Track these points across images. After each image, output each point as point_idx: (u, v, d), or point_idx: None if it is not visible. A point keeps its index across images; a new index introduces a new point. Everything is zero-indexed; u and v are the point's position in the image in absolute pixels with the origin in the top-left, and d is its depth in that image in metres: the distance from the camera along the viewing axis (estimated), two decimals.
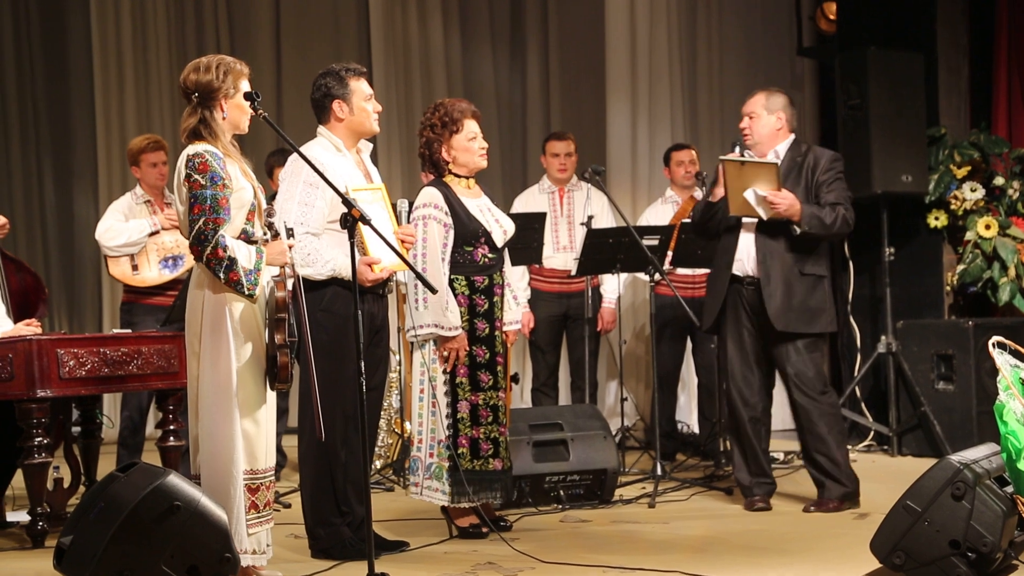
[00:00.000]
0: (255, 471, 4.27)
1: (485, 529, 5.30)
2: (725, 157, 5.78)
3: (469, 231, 5.30)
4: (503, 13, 10.17)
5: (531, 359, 8.07)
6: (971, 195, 7.71)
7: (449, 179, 5.38)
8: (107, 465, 5.26)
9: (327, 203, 4.86)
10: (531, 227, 6.95)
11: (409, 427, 6.63)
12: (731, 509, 5.91)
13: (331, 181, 4.41)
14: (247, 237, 4.26)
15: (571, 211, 7.70)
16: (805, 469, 6.02)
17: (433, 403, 5.26)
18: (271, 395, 4.35)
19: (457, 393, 5.29)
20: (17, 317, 5.90)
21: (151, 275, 6.57)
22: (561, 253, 7.64)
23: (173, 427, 5.68)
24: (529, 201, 7.80)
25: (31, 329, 5.57)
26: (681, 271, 7.53)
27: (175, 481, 3.95)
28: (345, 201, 4.29)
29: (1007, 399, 4.23)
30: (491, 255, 5.38)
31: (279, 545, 5.00)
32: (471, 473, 5.27)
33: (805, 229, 5.67)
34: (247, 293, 4.17)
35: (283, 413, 7.18)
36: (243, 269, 4.15)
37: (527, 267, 7.53)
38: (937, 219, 7.82)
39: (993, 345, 4.39)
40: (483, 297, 5.35)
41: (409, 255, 5.07)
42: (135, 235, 6.53)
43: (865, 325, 8.16)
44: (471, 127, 5.37)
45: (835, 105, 7.98)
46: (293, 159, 4.94)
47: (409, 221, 5.45)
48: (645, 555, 4.82)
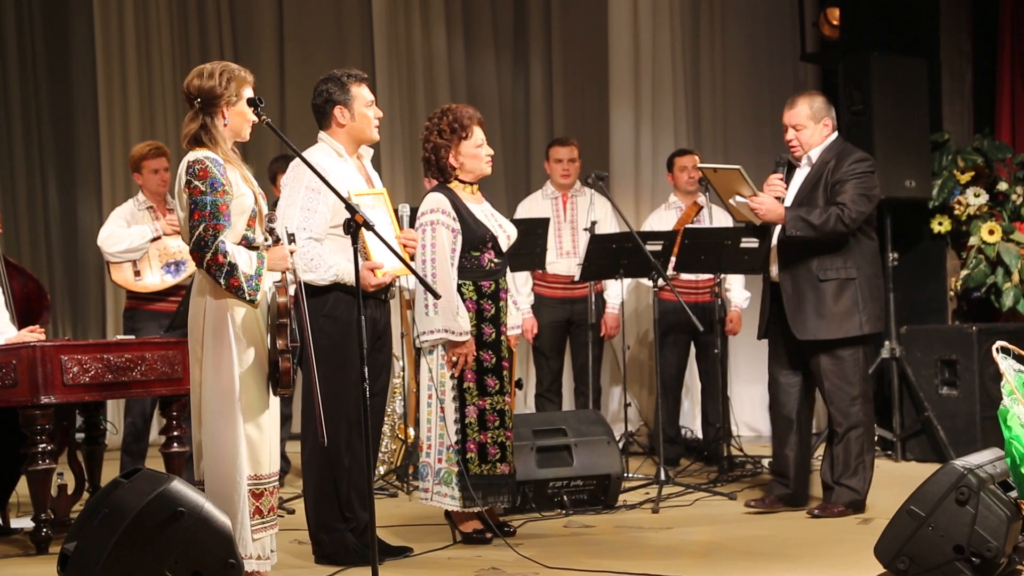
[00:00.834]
0: (259, 476, 4.28)
1: (489, 535, 5.30)
2: (701, 166, 5.82)
3: (476, 236, 5.30)
4: (506, 19, 10.16)
5: (535, 364, 8.07)
6: (975, 200, 7.69)
7: (454, 184, 5.38)
8: (111, 471, 5.27)
9: (329, 208, 4.86)
10: (534, 232, 6.95)
11: (413, 432, 6.63)
12: (735, 514, 5.90)
13: (334, 186, 4.41)
14: (248, 243, 4.26)
15: (574, 216, 7.70)
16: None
17: (441, 408, 5.26)
18: (274, 401, 4.35)
19: (464, 398, 5.29)
20: (19, 324, 5.90)
21: (153, 281, 6.58)
22: (564, 258, 7.64)
23: (177, 433, 5.67)
24: (532, 206, 7.80)
25: (35, 336, 5.57)
26: (684, 276, 7.53)
27: (178, 487, 3.95)
28: (348, 206, 4.28)
29: (1011, 404, 4.23)
30: (497, 260, 5.38)
31: (283, 551, 4.99)
32: (479, 478, 5.27)
33: (792, 233, 5.67)
34: (248, 299, 4.17)
35: (286, 419, 7.17)
36: (244, 275, 4.15)
37: (531, 272, 7.53)
38: (941, 224, 7.80)
39: (997, 350, 4.38)
40: (490, 302, 5.34)
41: (417, 261, 5.08)
42: (137, 241, 6.54)
43: None
44: (479, 134, 5.37)
45: (839, 111, 7.94)
46: (295, 164, 4.93)
47: (412, 226, 5.45)
48: (649, 560, 4.82)
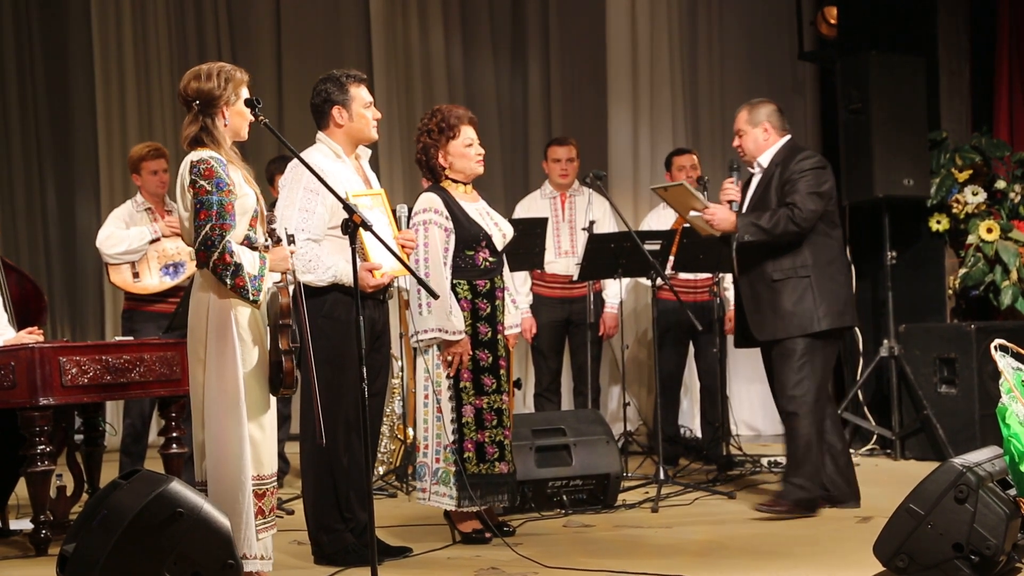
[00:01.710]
0: (261, 476, 4.27)
1: (488, 534, 5.30)
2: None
3: (470, 235, 5.30)
4: (504, 19, 10.17)
5: (534, 364, 8.07)
6: (973, 199, 7.70)
7: (447, 184, 5.38)
8: (110, 473, 5.26)
9: (327, 209, 4.86)
10: (533, 232, 6.95)
11: (412, 433, 6.63)
12: (734, 513, 5.90)
13: (332, 187, 4.41)
14: (250, 243, 4.26)
15: (573, 216, 7.70)
16: None
17: (438, 408, 5.26)
18: (272, 401, 4.35)
19: (461, 397, 5.29)
20: (17, 326, 5.90)
21: (152, 282, 6.58)
22: (563, 258, 7.64)
23: (176, 434, 5.68)
24: (531, 206, 7.80)
25: (33, 337, 5.57)
26: (683, 276, 7.53)
27: (178, 488, 3.95)
28: (346, 207, 4.28)
29: (1009, 402, 4.23)
30: (492, 259, 5.38)
31: (282, 552, 5.00)
32: (477, 477, 5.27)
33: (745, 239, 5.70)
34: (251, 299, 4.17)
35: (285, 420, 7.18)
36: (248, 275, 4.15)
37: (529, 272, 7.54)
38: (939, 223, 7.81)
39: (995, 348, 4.38)
40: (485, 301, 5.34)
41: (410, 260, 5.07)
42: (135, 242, 6.54)
43: (867, 329, 8.14)
44: (468, 133, 5.37)
45: (836, 109, 7.97)
46: (293, 165, 4.93)
47: (409, 227, 5.45)
48: (648, 560, 4.82)
